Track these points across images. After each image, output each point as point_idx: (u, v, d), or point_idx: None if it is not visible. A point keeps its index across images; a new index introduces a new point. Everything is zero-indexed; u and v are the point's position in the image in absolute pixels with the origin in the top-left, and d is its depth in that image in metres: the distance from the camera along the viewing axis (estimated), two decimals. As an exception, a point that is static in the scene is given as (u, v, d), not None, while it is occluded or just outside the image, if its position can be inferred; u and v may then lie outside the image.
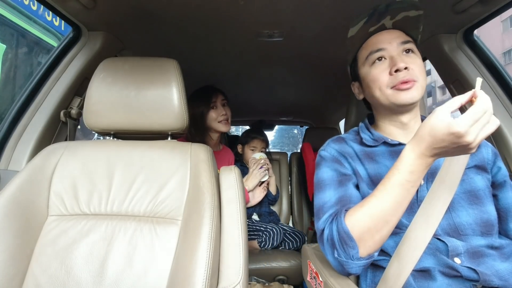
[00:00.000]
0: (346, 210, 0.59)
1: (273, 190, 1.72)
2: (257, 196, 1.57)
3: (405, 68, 0.62)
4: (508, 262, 0.58)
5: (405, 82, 0.62)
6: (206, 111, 1.34)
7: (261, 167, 1.57)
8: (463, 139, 0.45)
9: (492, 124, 0.46)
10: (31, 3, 3.15)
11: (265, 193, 1.61)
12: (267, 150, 1.82)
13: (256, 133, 1.77)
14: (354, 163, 0.70)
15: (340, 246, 0.57)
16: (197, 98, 1.36)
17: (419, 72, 0.63)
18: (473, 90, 0.48)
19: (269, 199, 1.71)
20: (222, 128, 1.35)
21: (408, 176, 0.52)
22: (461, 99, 0.48)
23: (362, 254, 0.55)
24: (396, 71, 0.63)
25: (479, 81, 0.48)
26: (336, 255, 0.58)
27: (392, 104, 0.65)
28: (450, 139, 0.46)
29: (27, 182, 0.69)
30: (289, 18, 0.98)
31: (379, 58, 0.67)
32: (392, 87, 0.64)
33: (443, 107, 0.48)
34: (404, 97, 0.63)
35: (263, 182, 1.62)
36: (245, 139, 1.76)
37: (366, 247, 0.55)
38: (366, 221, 0.55)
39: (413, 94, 0.62)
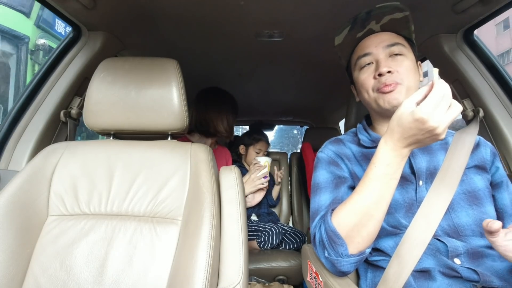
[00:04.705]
0: (333, 210, 0.60)
1: (274, 195, 1.73)
2: (257, 197, 1.57)
3: (389, 72, 0.63)
4: (507, 262, 0.58)
5: (388, 85, 0.62)
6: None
7: (265, 177, 1.50)
8: (428, 124, 0.46)
9: (455, 108, 0.47)
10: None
11: (264, 192, 1.61)
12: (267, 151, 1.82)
13: (261, 135, 1.76)
14: (352, 164, 0.70)
15: (329, 245, 0.57)
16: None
17: (405, 75, 0.63)
18: (432, 80, 0.50)
19: (269, 203, 1.71)
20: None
21: (385, 169, 0.53)
22: (424, 89, 0.49)
23: (352, 251, 0.56)
24: (380, 75, 0.63)
25: (435, 71, 0.50)
26: (327, 255, 0.58)
27: (378, 107, 0.66)
28: (416, 126, 0.48)
29: (27, 182, 0.69)
30: (289, 18, 0.98)
31: (367, 63, 0.67)
32: (377, 90, 0.64)
33: (409, 98, 0.50)
34: (387, 99, 0.63)
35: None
36: (250, 140, 1.73)
37: (355, 243, 0.55)
38: (351, 218, 0.55)
39: (395, 97, 0.63)
